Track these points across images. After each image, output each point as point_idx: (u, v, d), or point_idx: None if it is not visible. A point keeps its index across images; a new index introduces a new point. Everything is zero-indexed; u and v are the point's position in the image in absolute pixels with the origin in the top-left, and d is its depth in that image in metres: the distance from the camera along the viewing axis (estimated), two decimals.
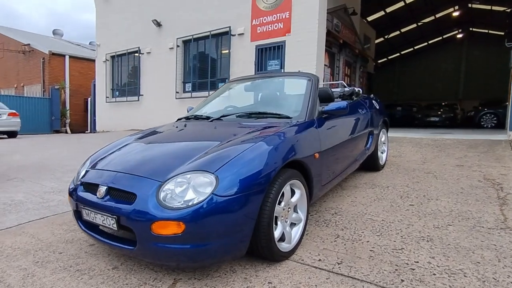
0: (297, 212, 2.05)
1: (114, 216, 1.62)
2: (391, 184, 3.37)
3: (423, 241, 2.07)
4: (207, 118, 2.69)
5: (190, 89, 10.44)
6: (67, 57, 16.59)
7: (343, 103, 2.45)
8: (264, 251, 1.75)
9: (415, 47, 24.69)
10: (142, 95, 11.53)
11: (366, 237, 2.17)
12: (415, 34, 21.74)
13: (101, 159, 2.10)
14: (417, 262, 1.82)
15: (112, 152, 2.15)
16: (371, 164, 3.82)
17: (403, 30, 20.91)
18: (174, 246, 1.51)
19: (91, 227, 1.86)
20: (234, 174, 1.60)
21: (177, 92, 10.53)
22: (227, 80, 9.29)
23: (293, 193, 1.98)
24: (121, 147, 2.19)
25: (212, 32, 9.43)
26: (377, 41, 20.26)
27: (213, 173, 1.58)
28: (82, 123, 16.50)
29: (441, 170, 3.90)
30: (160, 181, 1.62)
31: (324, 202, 2.90)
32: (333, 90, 3.74)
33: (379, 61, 25.29)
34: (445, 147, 5.32)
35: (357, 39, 13.15)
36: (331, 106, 2.46)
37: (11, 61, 17.84)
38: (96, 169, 1.99)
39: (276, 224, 1.84)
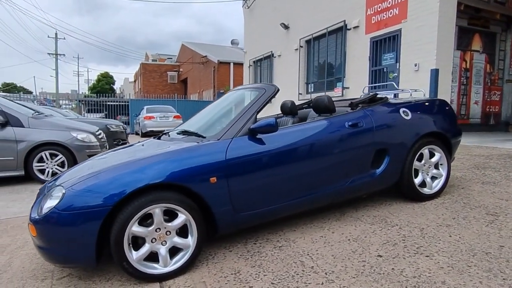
0: (186, 238, 2.03)
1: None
2: (406, 224, 2.55)
3: None
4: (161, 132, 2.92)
5: (312, 90, 10.41)
6: (231, 64, 19.60)
7: (270, 121, 2.16)
8: (121, 268, 1.89)
9: None
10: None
11: (260, 282, 1.89)
12: None
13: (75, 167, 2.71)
14: None
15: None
16: (407, 193, 2.95)
17: None
18: (39, 246, 1.91)
19: None
20: (79, 192, 1.84)
21: (300, 94, 10.72)
22: (343, 79, 8.76)
23: (175, 216, 1.99)
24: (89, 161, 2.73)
25: (329, 29, 9.06)
26: None
27: (65, 189, 1.87)
28: None
29: None
30: (49, 189, 2.04)
31: (292, 233, 2.56)
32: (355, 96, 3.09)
33: None
34: None
35: None
36: (258, 123, 2.22)
37: (196, 70, 22.69)
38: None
39: (144, 244, 1.93)
